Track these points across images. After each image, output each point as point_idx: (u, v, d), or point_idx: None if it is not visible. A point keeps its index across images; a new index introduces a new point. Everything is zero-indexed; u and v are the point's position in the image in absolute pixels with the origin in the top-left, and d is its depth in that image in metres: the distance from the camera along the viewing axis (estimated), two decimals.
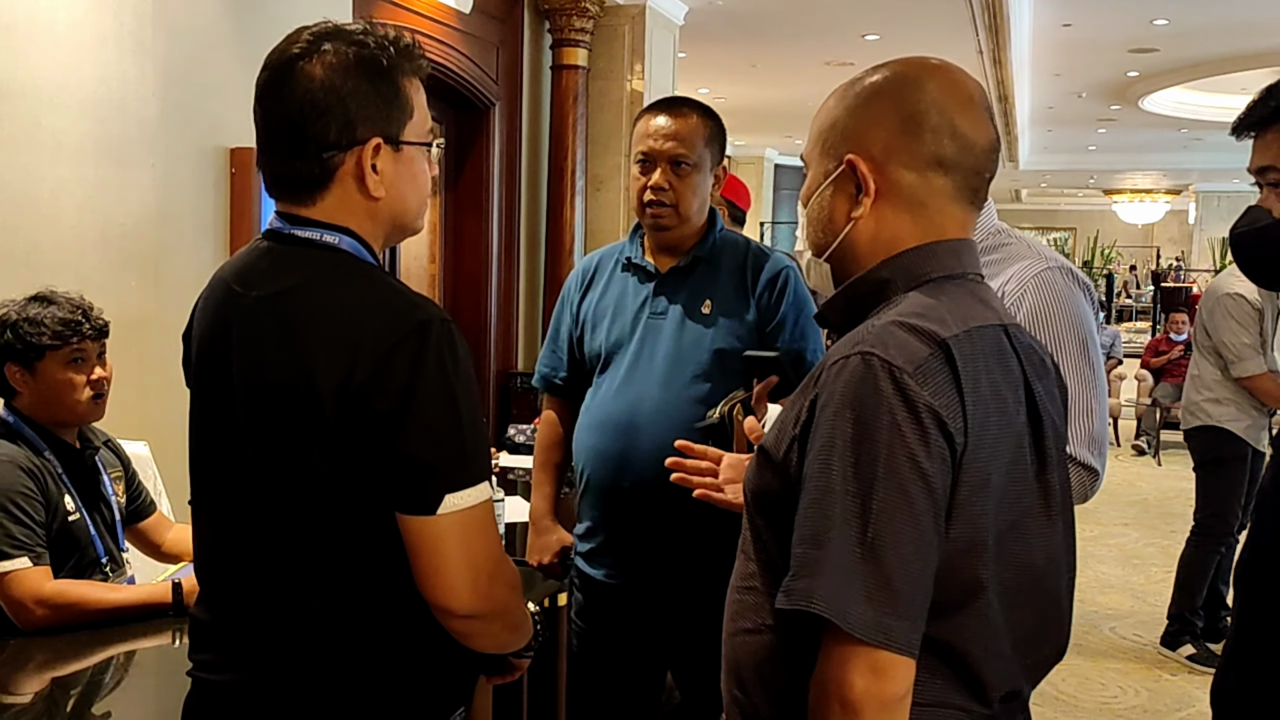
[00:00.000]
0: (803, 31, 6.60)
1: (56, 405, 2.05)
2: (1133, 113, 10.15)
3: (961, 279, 1.13)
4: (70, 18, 2.64)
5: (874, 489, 0.98)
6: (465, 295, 4.75)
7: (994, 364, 1.06)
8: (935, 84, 1.12)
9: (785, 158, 13.77)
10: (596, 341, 2.13)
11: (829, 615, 0.97)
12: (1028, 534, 1.09)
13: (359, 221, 1.27)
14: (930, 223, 1.13)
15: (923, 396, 0.99)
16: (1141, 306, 17.35)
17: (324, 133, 1.22)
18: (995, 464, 1.04)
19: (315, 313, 1.21)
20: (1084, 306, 1.66)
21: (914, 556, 0.98)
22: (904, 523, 0.97)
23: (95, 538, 2.08)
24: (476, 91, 4.63)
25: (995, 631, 1.07)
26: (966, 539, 1.02)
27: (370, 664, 1.25)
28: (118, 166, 2.79)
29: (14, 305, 2.04)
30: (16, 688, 1.85)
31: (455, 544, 1.19)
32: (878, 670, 0.97)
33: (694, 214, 2.07)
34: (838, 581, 0.97)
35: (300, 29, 1.26)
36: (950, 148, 1.11)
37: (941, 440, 0.99)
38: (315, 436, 1.19)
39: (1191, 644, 4.10)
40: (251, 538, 1.26)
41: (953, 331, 1.04)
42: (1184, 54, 7.59)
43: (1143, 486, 7.30)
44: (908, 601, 0.98)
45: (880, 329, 1.04)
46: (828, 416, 1.01)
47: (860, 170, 1.12)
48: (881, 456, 0.98)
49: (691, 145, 2.04)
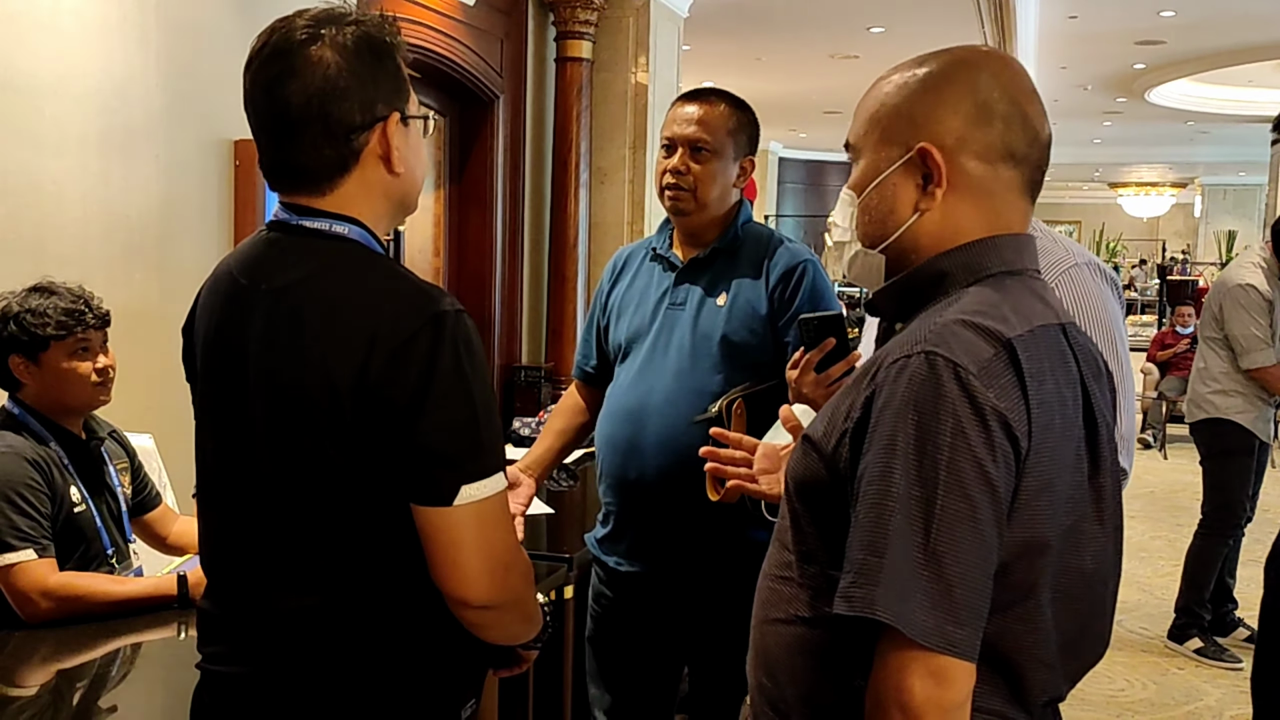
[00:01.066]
0: (807, 24, 6.58)
1: (62, 394, 2.04)
2: (1139, 105, 10.13)
3: (1021, 275, 1.10)
4: (73, 8, 2.63)
5: (937, 494, 0.96)
6: (469, 289, 4.74)
7: (1056, 364, 1.04)
8: (1005, 73, 1.09)
9: (789, 151, 13.75)
10: (619, 332, 2.16)
11: (893, 623, 0.95)
12: (1081, 538, 1.07)
13: (371, 205, 1.27)
14: (996, 215, 1.10)
15: (988, 398, 0.97)
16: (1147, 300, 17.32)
17: (349, 114, 1.21)
18: (1057, 466, 1.02)
19: (329, 305, 1.20)
20: (1112, 303, 1.65)
21: (976, 563, 0.96)
22: (967, 529, 0.95)
23: (101, 529, 2.08)
24: (480, 84, 4.62)
25: (1044, 636, 1.05)
26: (1024, 542, 1.00)
27: (380, 656, 1.25)
28: (121, 158, 2.79)
29: (15, 297, 2.04)
30: (22, 680, 1.84)
31: (472, 535, 1.19)
32: (939, 676, 0.95)
33: (712, 201, 2.06)
34: (899, 589, 0.95)
35: (287, 17, 1.25)
36: (1021, 139, 1.08)
37: (1006, 443, 0.97)
38: (331, 429, 1.18)
39: (1199, 637, 4.09)
40: (261, 530, 1.25)
41: (1017, 331, 1.01)
42: (1190, 46, 7.57)
43: (1149, 480, 7.29)
44: (969, 608, 0.96)
45: (943, 327, 1.01)
46: (888, 417, 0.98)
47: (933, 159, 1.08)
48: (945, 460, 0.96)
49: (713, 131, 2.04)
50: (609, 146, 5.22)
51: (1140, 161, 16.48)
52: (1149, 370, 8.61)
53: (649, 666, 2.21)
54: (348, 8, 1.28)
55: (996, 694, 1.03)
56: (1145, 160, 16.26)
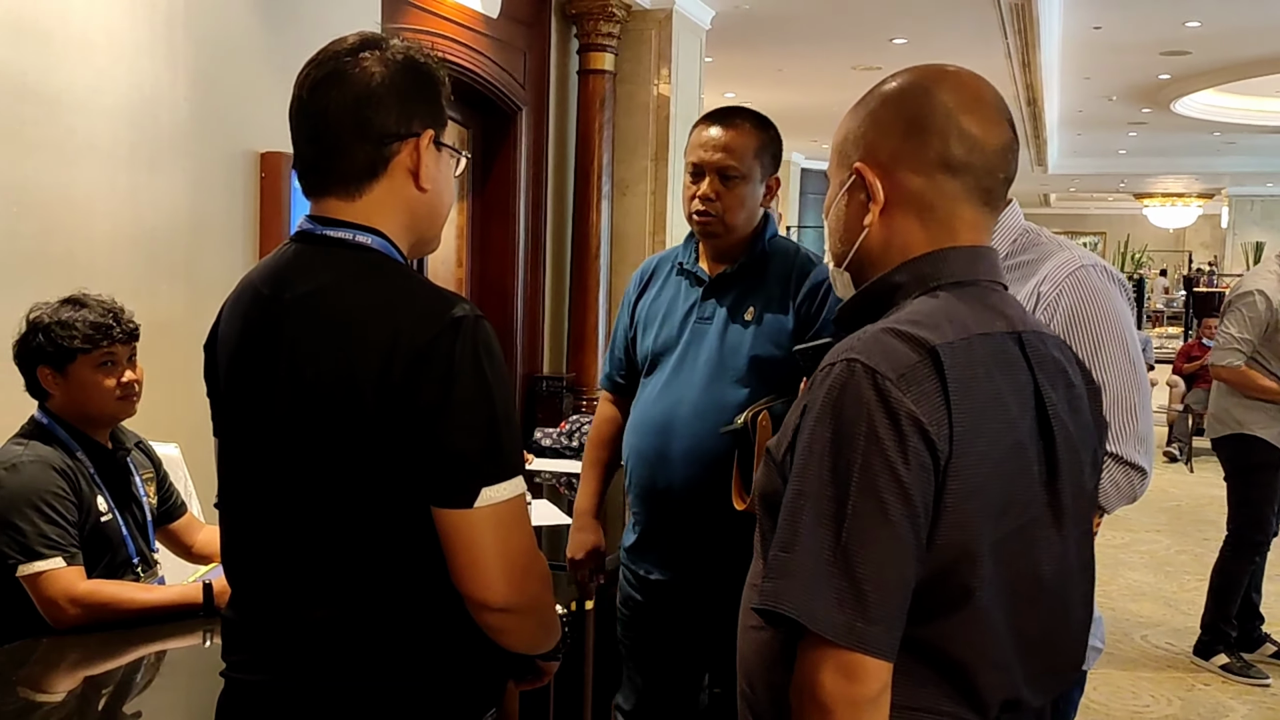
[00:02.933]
0: (830, 36, 6.58)
1: (87, 405, 2.07)
2: (1164, 116, 10.05)
3: (974, 285, 1.12)
4: (104, 24, 2.67)
5: (849, 494, 0.98)
6: (491, 299, 4.77)
7: (995, 371, 1.06)
8: (941, 87, 1.13)
9: (811, 162, 13.73)
10: (646, 343, 2.18)
11: (796, 616, 0.98)
12: (1033, 542, 1.08)
13: (397, 219, 1.29)
14: (941, 225, 1.13)
15: (904, 404, 0.99)
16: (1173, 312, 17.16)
17: (385, 121, 1.25)
18: (988, 471, 1.03)
19: (351, 310, 1.23)
20: (1121, 304, 1.64)
21: (887, 564, 0.98)
22: (878, 529, 0.98)
23: (127, 538, 2.10)
24: (503, 96, 4.65)
25: (992, 639, 1.06)
26: (955, 546, 1.02)
27: (403, 664, 1.26)
28: (149, 171, 2.82)
29: (46, 308, 2.07)
30: (50, 686, 1.87)
31: (491, 537, 1.20)
32: (848, 671, 0.97)
33: (741, 223, 2.09)
34: (806, 584, 0.98)
35: (343, 37, 1.30)
36: (958, 149, 1.11)
37: (922, 448, 0.99)
38: (355, 433, 1.20)
39: (1225, 653, 4.04)
40: (284, 538, 1.27)
41: (946, 338, 1.04)
42: (1217, 56, 7.50)
43: (1175, 493, 7.22)
44: (879, 607, 0.98)
45: (870, 336, 1.05)
46: (809, 422, 1.02)
47: (867, 178, 1.13)
48: (857, 464, 0.98)
49: (741, 157, 2.06)
50: (631, 158, 5.24)
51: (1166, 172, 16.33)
52: (1175, 383, 8.53)
53: (672, 672, 2.22)
54: (400, 38, 1.32)
55: (947, 696, 1.05)
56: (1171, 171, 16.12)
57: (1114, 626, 4.44)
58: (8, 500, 1.95)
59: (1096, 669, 3.88)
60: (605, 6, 4.90)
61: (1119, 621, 4.55)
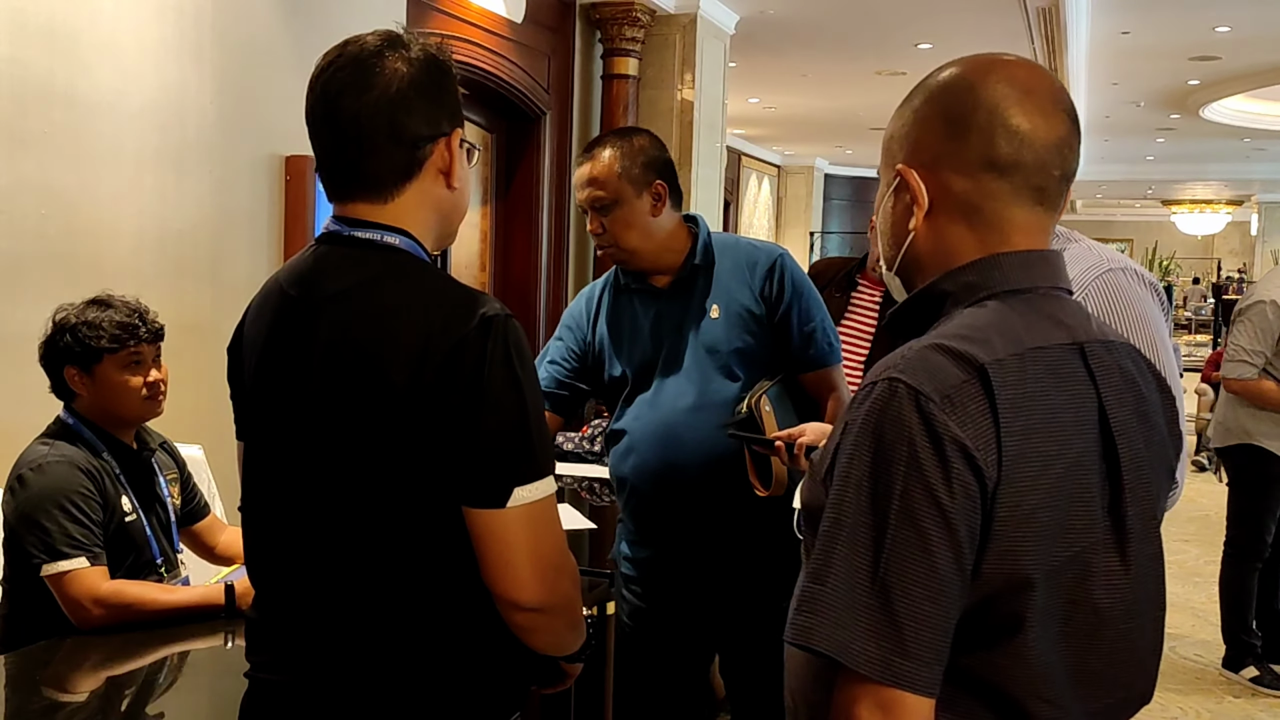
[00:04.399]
0: (854, 41, 6.56)
1: (114, 405, 2.08)
2: (1193, 122, 9.95)
3: (1030, 293, 1.05)
4: (132, 27, 2.69)
5: (888, 524, 0.93)
6: (514, 303, 4.77)
7: (1051, 388, 0.99)
8: (988, 80, 1.06)
9: (835, 167, 13.69)
10: (619, 365, 2.15)
11: (829, 653, 0.93)
12: (1091, 570, 1.02)
13: (425, 218, 1.29)
14: (990, 228, 1.06)
15: (948, 427, 0.93)
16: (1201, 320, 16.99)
17: (418, 123, 1.25)
18: (1040, 496, 0.97)
19: (381, 311, 1.22)
20: (1151, 307, 1.60)
21: (926, 596, 0.92)
22: (917, 561, 0.92)
23: (151, 538, 2.11)
24: (527, 100, 4.65)
25: (1043, 672, 1.00)
26: (1004, 575, 0.96)
27: (429, 666, 1.25)
28: (176, 174, 2.84)
29: (73, 309, 2.08)
30: (73, 686, 1.87)
31: (523, 537, 1.20)
32: (885, 707, 0.92)
33: (639, 243, 2.07)
34: (839, 618, 0.93)
35: (358, 36, 1.28)
36: (1004, 147, 1.04)
37: (968, 474, 0.93)
38: (386, 434, 1.20)
39: (1254, 665, 3.98)
40: (310, 540, 1.27)
41: (998, 355, 0.97)
42: (1246, 61, 7.43)
43: (1203, 503, 7.13)
44: (918, 642, 0.92)
45: (916, 352, 0.98)
46: (848, 444, 0.97)
47: (910, 180, 1.08)
48: (897, 490, 0.93)
49: (604, 184, 2.05)
50: None
51: (1194, 179, 16.18)
52: (1204, 391, 8.43)
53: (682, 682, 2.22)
54: (412, 34, 1.31)
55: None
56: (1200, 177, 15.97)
57: None
58: (34, 500, 1.96)
59: None
60: (629, 11, 4.91)
61: None
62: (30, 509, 1.95)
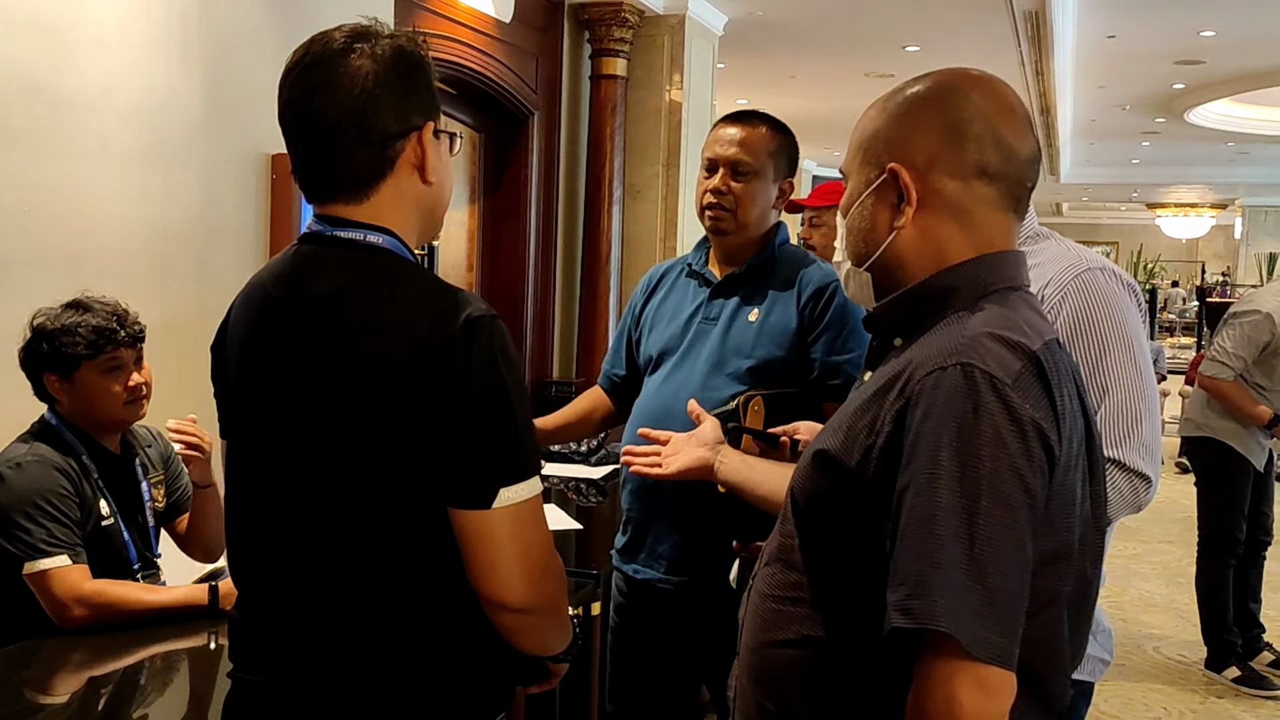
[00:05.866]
0: (843, 43, 6.57)
1: (94, 410, 2.06)
2: (1178, 125, 10.00)
3: (1020, 291, 1.13)
4: (117, 24, 2.68)
5: (980, 504, 0.96)
6: (502, 303, 4.76)
7: (1066, 376, 1.07)
8: (979, 93, 1.12)
9: (824, 169, 13.71)
10: (650, 344, 2.19)
11: (955, 634, 0.94)
12: (1085, 543, 1.09)
13: (405, 215, 1.28)
14: (976, 231, 1.12)
15: (1025, 409, 0.98)
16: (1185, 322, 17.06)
17: (387, 121, 1.23)
18: (1077, 476, 1.04)
19: (366, 312, 1.22)
20: (1129, 308, 1.61)
21: (1015, 572, 0.97)
22: (1007, 538, 0.96)
23: (129, 543, 2.09)
24: (515, 100, 4.65)
25: (1060, 644, 1.06)
26: (1052, 550, 1.02)
27: (414, 667, 1.25)
28: (161, 172, 2.82)
29: (49, 314, 2.04)
30: (54, 687, 1.86)
31: (509, 538, 1.19)
32: (985, 687, 0.95)
33: (752, 221, 2.10)
34: (953, 600, 0.95)
35: (326, 32, 1.27)
36: (995, 157, 1.10)
37: (1042, 453, 0.99)
38: (371, 434, 1.19)
39: (1236, 665, 4.01)
40: (295, 540, 1.26)
41: (1036, 344, 1.04)
42: (1231, 66, 7.47)
43: (1187, 504, 7.12)
44: (1010, 616, 0.96)
45: (972, 339, 1.02)
46: (929, 430, 0.99)
47: (903, 179, 1.11)
48: (986, 471, 0.97)
49: (754, 153, 2.07)
50: (642, 164, 5.23)
51: (1179, 182, 16.27)
52: (1187, 393, 8.47)
53: (666, 680, 2.21)
54: (382, 25, 1.30)
55: (1026, 706, 1.03)
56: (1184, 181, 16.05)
57: (1126, 638, 4.41)
58: (13, 499, 1.94)
59: (1108, 680, 3.85)
60: (618, 12, 4.91)
61: (1131, 633, 4.52)
62: (9, 508, 1.94)
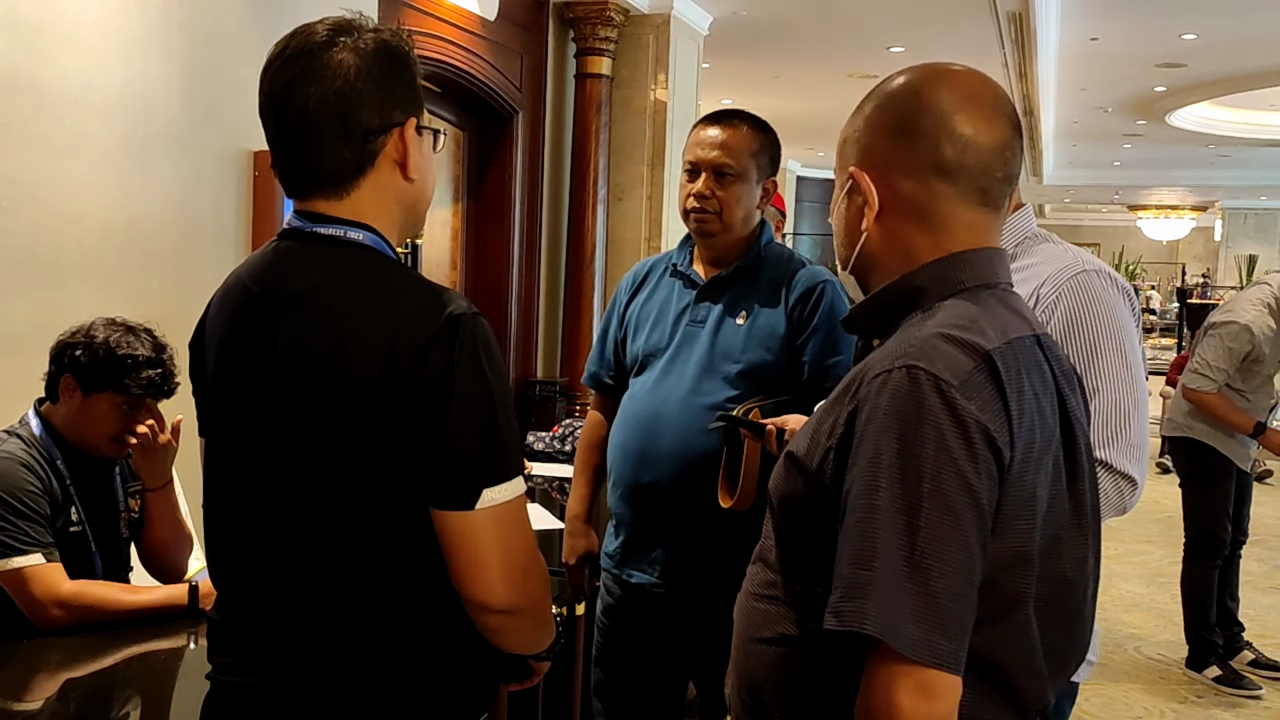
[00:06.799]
0: (827, 43, 6.58)
1: (83, 431, 2.02)
2: (1159, 128, 10.07)
3: (994, 288, 1.12)
4: (96, 18, 2.65)
5: (921, 507, 0.96)
6: (486, 302, 4.74)
7: (1033, 375, 1.05)
8: (934, 88, 1.11)
9: (808, 169, 13.74)
10: (637, 344, 2.18)
11: (882, 636, 0.95)
12: (1061, 545, 1.08)
13: (387, 211, 1.27)
14: (939, 229, 1.11)
15: (970, 411, 0.97)
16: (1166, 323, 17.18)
17: (368, 117, 1.22)
18: (1039, 477, 1.03)
19: (345, 308, 1.20)
20: (1122, 310, 1.62)
21: (959, 575, 0.96)
22: (950, 541, 0.96)
23: (95, 554, 2.05)
24: (499, 99, 4.63)
25: (1032, 646, 1.05)
26: (1011, 553, 1.01)
27: (396, 667, 1.24)
28: (141, 167, 2.80)
29: (113, 329, 1.99)
30: (30, 690, 1.83)
31: (492, 539, 1.18)
32: (925, 689, 0.95)
33: (737, 223, 2.09)
34: (887, 601, 0.95)
35: (308, 24, 1.25)
36: (948, 151, 1.09)
37: (989, 455, 0.98)
38: (351, 433, 1.18)
39: (1217, 665, 4.03)
40: (274, 540, 1.25)
41: (994, 343, 1.03)
42: (1212, 69, 7.52)
43: (1167, 504, 7.20)
44: (953, 620, 0.96)
45: (923, 340, 1.02)
46: (872, 432, 0.99)
47: (862, 183, 1.12)
48: (928, 473, 0.96)
49: (736, 155, 2.07)
50: (627, 163, 5.22)
51: (1160, 184, 16.38)
52: (1168, 394, 8.52)
53: (654, 681, 2.20)
54: (366, 19, 1.28)
55: (991, 705, 1.03)
56: (1165, 183, 16.16)
57: (1107, 638, 4.43)
58: None
59: (1090, 680, 3.87)
60: (603, 10, 4.89)
61: (1112, 633, 4.54)
62: None
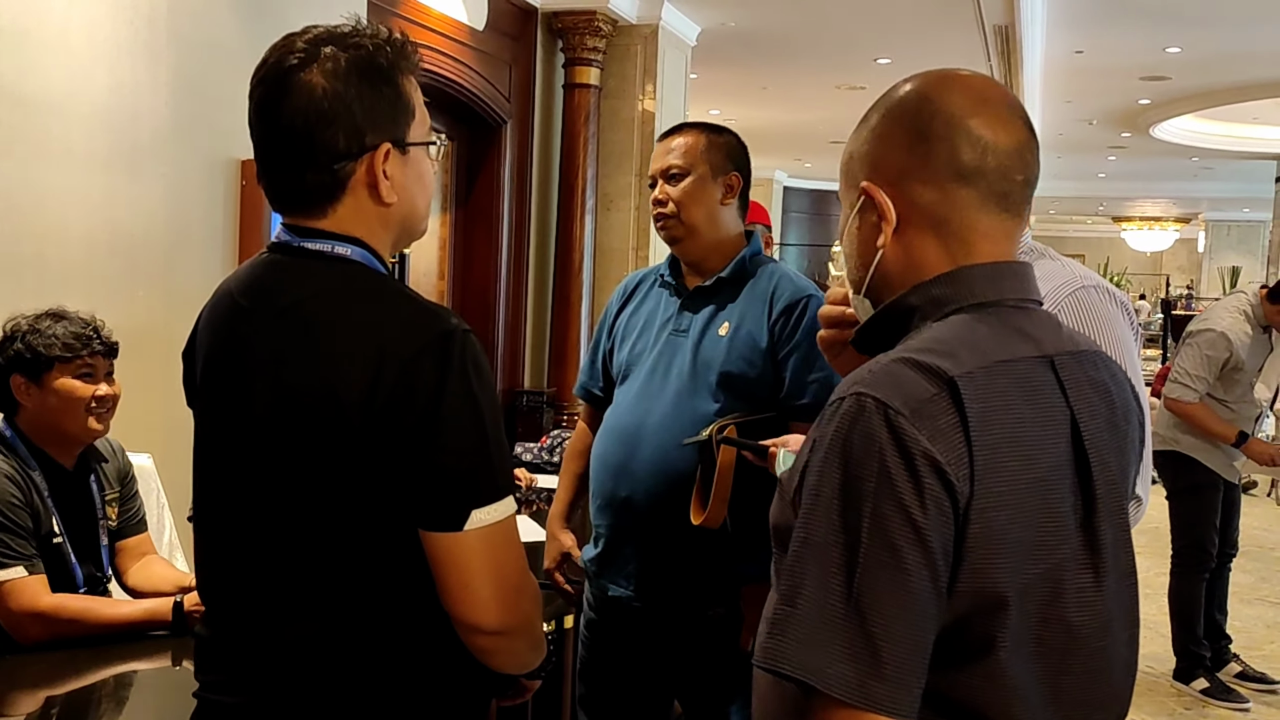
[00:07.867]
0: (814, 55, 6.60)
1: (59, 418, 2.00)
2: (1143, 140, 10.14)
3: (996, 306, 1.04)
4: (82, 25, 2.63)
5: (860, 542, 0.90)
6: (473, 312, 4.73)
7: (1020, 402, 0.97)
8: (943, 92, 1.06)
9: (794, 180, 13.79)
10: (622, 354, 2.17)
11: (800, 677, 0.90)
12: (1063, 587, 0.99)
13: (370, 229, 1.24)
14: (958, 240, 1.05)
15: (919, 441, 0.91)
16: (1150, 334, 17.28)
17: (334, 142, 1.19)
18: (1011, 512, 0.95)
19: (334, 325, 1.18)
20: (1122, 326, 1.61)
21: (902, 616, 0.90)
22: (891, 580, 0.90)
23: (75, 565, 2.02)
24: (488, 108, 4.62)
25: (1017, 693, 0.97)
26: (976, 592, 0.94)
27: (386, 685, 1.22)
28: (128, 176, 2.77)
29: (25, 319, 2.02)
30: (9, 707, 1.80)
31: (482, 560, 1.16)
32: None
33: (700, 222, 2.08)
34: (812, 639, 0.90)
35: (291, 36, 1.22)
36: (967, 154, 1.03)
37: (940, 489, 0.91)
38: (338, 451, 1.16)
39: (1204, 677, 4.04)
40: (262, 556, 1.23)
41: (965, 368, 0.95)
42: (1196, 82, 7.58)
43: (1154, 515, 7.20)
44: (893, 662, 0.90)
45: (883, 367, 0.96)
46: (815, 462, 0.94)
47: (876, 197, 1.06)
48: (868, 507, 0.90)
49: (683, 155, 2.09)
50: (615, 173, 5.22)
51: (1144, 196, 16.50)
52: (1153, 405, 8.57)
53: (636, 696, 2.18)
54: (356, 26, 1.24)
55: None
56: (1149, 195, 16.29)
57: None
58: None
59: None
60: (591, 21, 4.90)
61: None
62: None
